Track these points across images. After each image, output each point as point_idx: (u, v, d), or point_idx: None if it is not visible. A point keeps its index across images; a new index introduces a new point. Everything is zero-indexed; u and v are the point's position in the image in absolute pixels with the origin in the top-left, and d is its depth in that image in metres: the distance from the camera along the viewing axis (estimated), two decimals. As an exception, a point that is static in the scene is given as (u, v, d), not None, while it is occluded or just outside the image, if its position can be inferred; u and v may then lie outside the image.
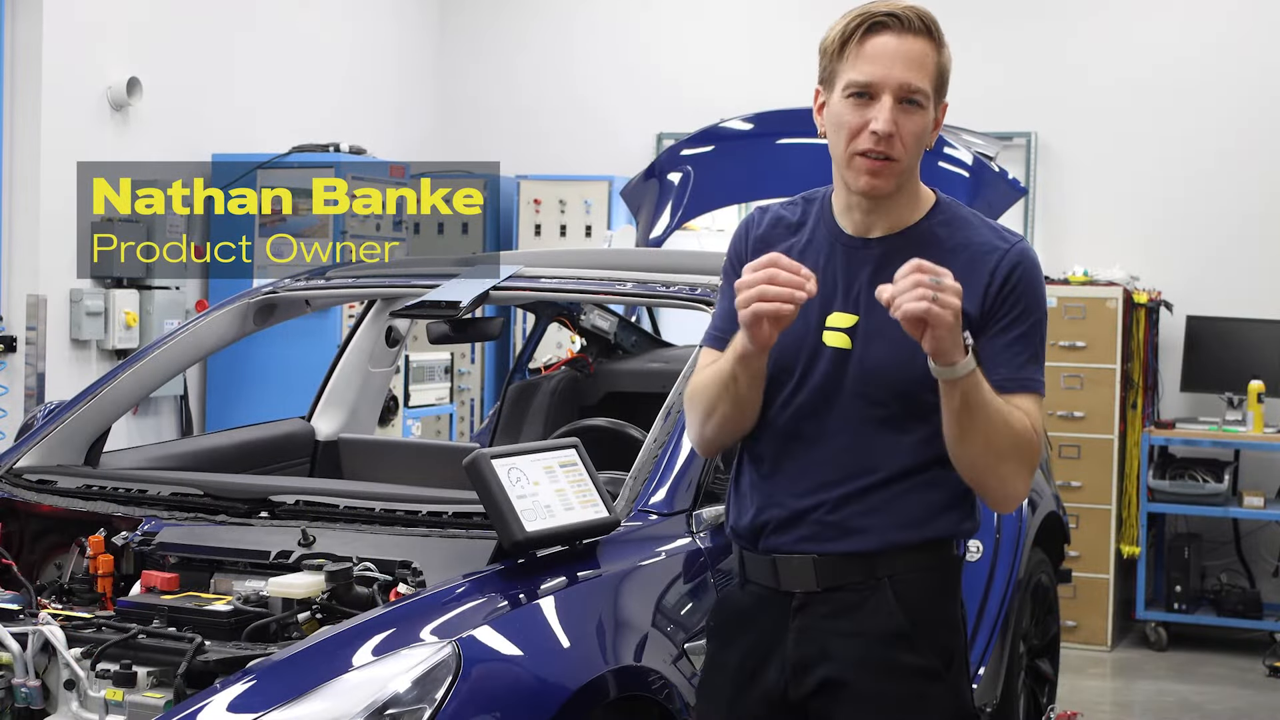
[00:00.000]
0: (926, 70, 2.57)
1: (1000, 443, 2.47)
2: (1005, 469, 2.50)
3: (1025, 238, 2.63)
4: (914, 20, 2.60)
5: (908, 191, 2.61)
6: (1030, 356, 2.55)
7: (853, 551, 2.59)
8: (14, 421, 6.29)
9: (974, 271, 2.54)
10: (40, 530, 3.70)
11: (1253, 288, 7.93)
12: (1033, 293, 2.57)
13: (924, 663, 2.58)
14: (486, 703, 2.70)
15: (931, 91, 2.57)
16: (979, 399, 2.43)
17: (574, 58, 9.20)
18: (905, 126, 2.53)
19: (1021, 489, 2.54)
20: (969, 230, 2.61)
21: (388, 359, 4.96)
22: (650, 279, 3.99)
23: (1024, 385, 2.53)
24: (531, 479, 3.06)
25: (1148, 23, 8.21)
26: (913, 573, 2.59)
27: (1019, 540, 4.93)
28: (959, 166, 5.34)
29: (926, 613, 2.60)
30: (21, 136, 6.66)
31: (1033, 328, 2.56)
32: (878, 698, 2.58)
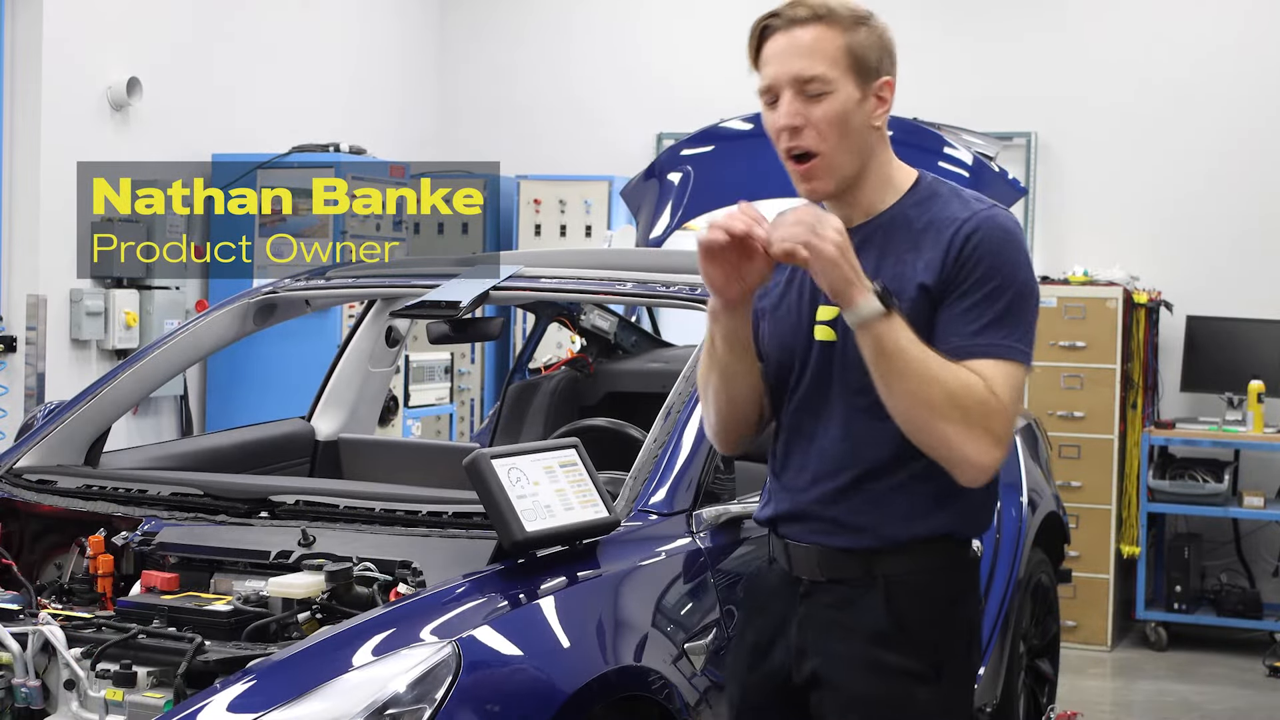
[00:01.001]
0: (821, 54, 2.51)
1: (931, 396, 2.40)
2: (945, 428, 2.42)
3: (1000, 206, 2.56)
4: (798, 12, 2.53)
5: (874, 178, 2.59)
6: (991, 321, 2.46)
7: (850, 548, 2.60)
8: (14, 421, 6.29)
9: (936, 244, 2.52)
10: (40, 530, 3.70)
11: (1253, 288, 7.93)
12: (993, 258, 2.48)
13: (910, 665, 2.56)
14: (486, 703, 2.70)
15: (841, 72, 2.51)
16: (893, 346, 2.39)
17: (574, 58, 9.20)
18: (814, 114, 2.51)
19: (975, 454, 2.44)
20: (939, 205, 2.57)
21: (388, 359, 4.96)
22: (650, 279, 4.00)
23: (981, 351, 2.45)
24: (531, 479, 3.06)
25: (1148, 23, 8.21)
26: (911, 574, 2.58)
27: (1019, 540, 4.93)
28: (959, 166, 5.34)
29: (919, 615, 2.58)
30: (21, 136, 6.66)
31: (994, 292, 2.47)
32: (862, 696, 2.58)
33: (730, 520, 3.44)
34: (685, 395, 3.55)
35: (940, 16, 8.55)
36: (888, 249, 2.56)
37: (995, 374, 2.45)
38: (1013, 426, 2.50)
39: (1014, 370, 2.47)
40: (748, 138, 5.61)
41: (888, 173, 2.61)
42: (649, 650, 3.07)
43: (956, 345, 2.46)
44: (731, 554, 3.42)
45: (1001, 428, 2.46)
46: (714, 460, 3.49)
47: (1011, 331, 2.47)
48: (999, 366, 2.46)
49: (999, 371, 2.45)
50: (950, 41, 8.48)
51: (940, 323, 2.49)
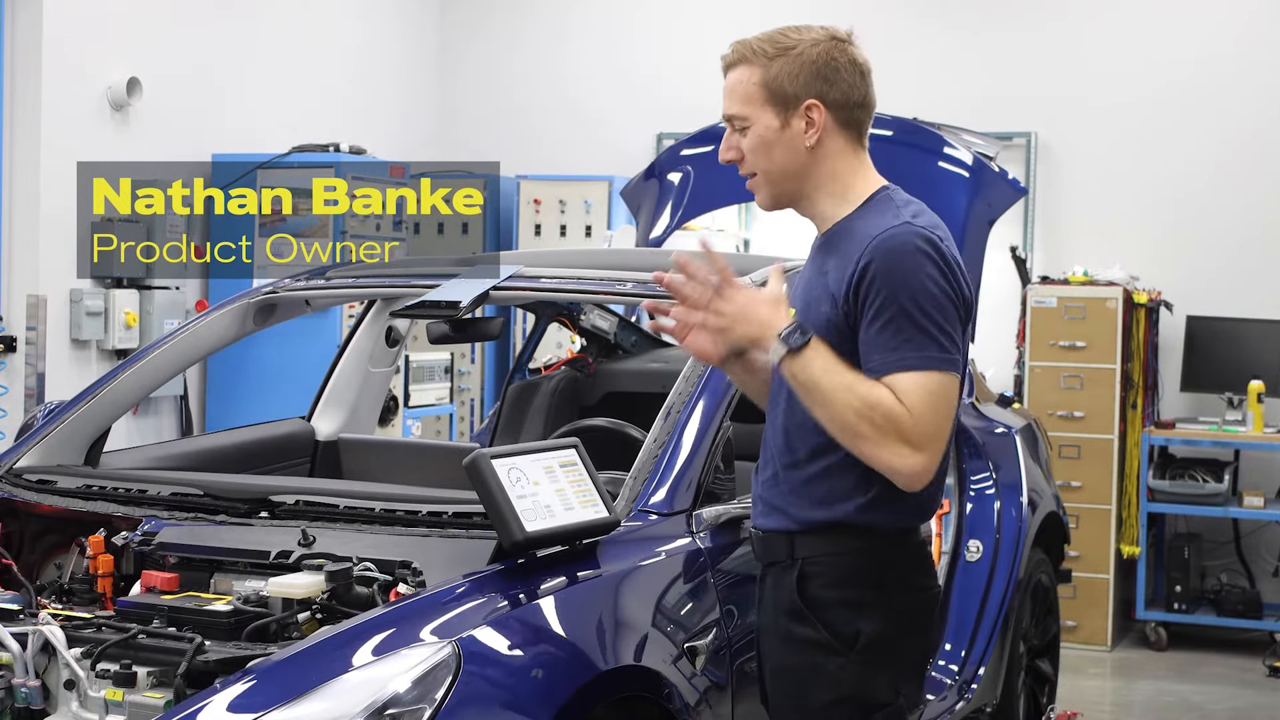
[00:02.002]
0: (740, 94, 2.81)
1: (845, 419, 2.61)
2: (862, 445, 2.62)
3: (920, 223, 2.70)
4: (726, 56, 2.87)
5: (824, 191, 2.81)
6: (902, 339, 2.62)
7: (777, 529, 2.81)
8: (14, 421, 6.29)
9: (848, 260, 2.71)
10: (40, 530, 3.70)
11: (1253, 288, 7.93)
12: (887, 278, 2.64)
13: (819, 636, 2.73)
14: (486, 703, 2.70)
15: (757, 107, 2.78)
16: (804, 380, 2.63)
17: (574, 58, 9.20)
18: (743, 145, 2.81)
19: (896, 463, 2.62)
20: (873, 219, 2.74)
21: (388, 359, 4.96)
22: (650, 279, 3.99)
23: (895, 366, 2.62)
24: (531, 479, 3.06)
25: (1148, 23, 8.22)
26: (825, 555, 2.75)
27: (1019, 540, 4.93)
28: (959, 166, 5.34)
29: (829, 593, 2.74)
30: (21, 136, 6.66)
31: (898, 312, 2.63)
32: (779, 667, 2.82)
33: (730, 520, 3.44)
34: (685, 395, 3.55)
35: (940, 16, 8.55)
36: (829, 260, 2.77)
37: (908, 386, 2.61)
38: (938, 432, 2.64)
39: (926, 379, 2.62)
40: (748, 138, 5.61)
41: (843, 185, 2.81)
42: (649, 650, 3.07)
43: (876, 365, 2.64)
44: (731, 554, 3.42)
45: (919, 436, 2.61)
46: (714, 460, 3.50)
47: (919, 342, 2.63)
48: (911, 379, 2.62)
49: (911, 383, 2.62)
50: (950, 41, 8.48)
51: (861, 346, 2.67)
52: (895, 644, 2.75)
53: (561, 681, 2.83)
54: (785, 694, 2.81)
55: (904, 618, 2.76)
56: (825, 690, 2.73)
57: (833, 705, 2.73)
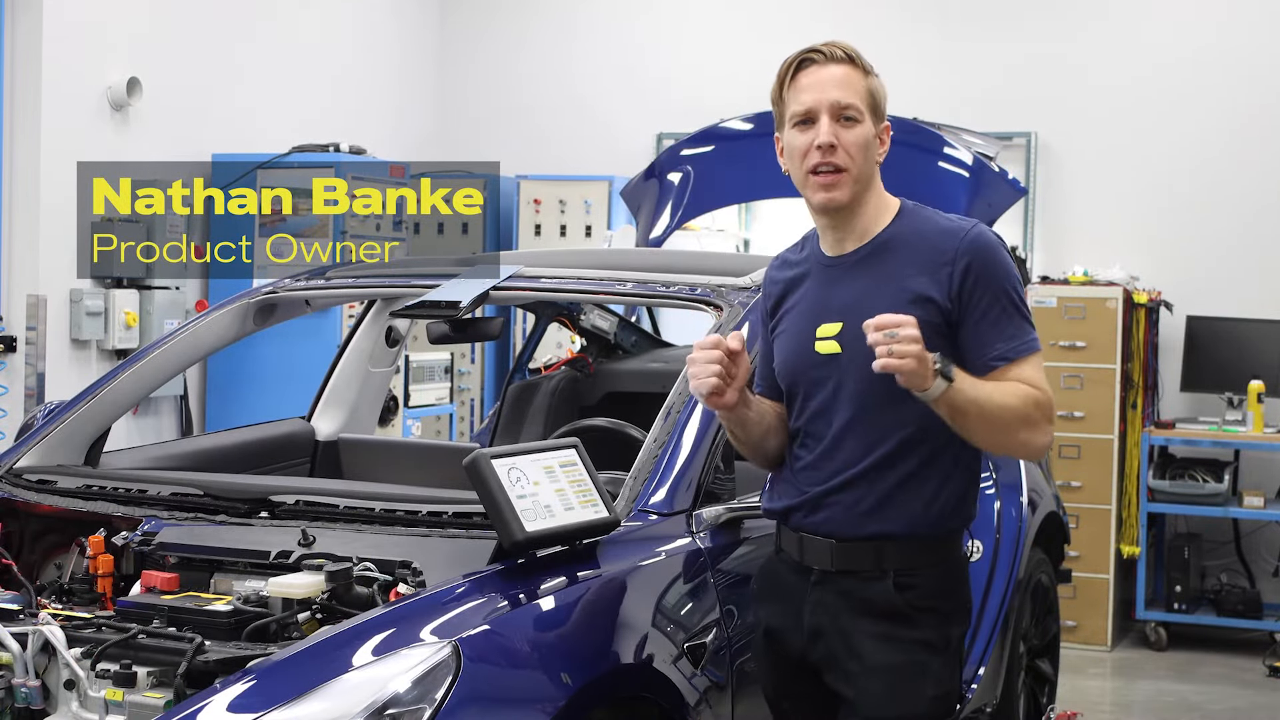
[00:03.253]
0: (855, 89, 2.92)
1: (1007, 424, 2.81)
2: (1023, 439, 2.84)
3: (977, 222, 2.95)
4: (835, 52, 2.95)
5: (871, 205, 2.96)
6: (1013, 327, 2.87)
7: (860, 537, 2.93)
8: (14, 421, 6.30)
9: (934, 261, 2.89)
10: (40, 530, 3.70)
11: (1253, 288, 7.93)
12: (993, 272, 2.88)
13: (927, 636, 2.91)
14: (486, 703, 2.70)
15: (865, 108, 2.93)
16: (963, 404, 2.76)
17: (574, 58, 9.20)
18: (846, 138, 2.90)
19: (1044, 442, 2.88)
20: (927, 225, 2.95)
21: (388, 359, 4.96)
22: (650, 279, 3.99)
23: (1018, 352, 2.86)
24: (531, 479, 3.06)
25: (1148, 23, 8.22)
26: (915, 562, 2.92)
27: (1019, 540, 4.93)
28: (959, 166, 5.35)
29: (927, 598, 2.92)
30: (21, 136, 6.66)
31: (1005, 300, 2.87)
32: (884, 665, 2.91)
33: (730, 520, 3.45)
34: (685, 395, 3.55)
35: (941, 16, 8.55)
36: (887, 269, 2.92)
37: (1033, 371, 2.87)
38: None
39: (1040, 359, 2.90)
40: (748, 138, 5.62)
41: (882, 201, 2.99)
42: (649, 650, 3.07)
43: (998, 354, 2.86)
44: (731, 554, 3.42)
45: (1052, 413, 2.88)
46: (714, 460, 3.50)
47: (1026, 327, 2.89)
48: (1031, 362, 2.87)
49: (1033, 366, 2.87)
50: (950, 41, 8.48)
51: (972, 338, 2.87)
52: (963, 643, 3.05)
53: (562, 681, 2.82)
54: (887, 689, 2.91)
55: (969, 621, 3.05)
56: (931, 686, 2.91)
57: (937, 699, 2.92)
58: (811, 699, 3.03)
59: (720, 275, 3.95)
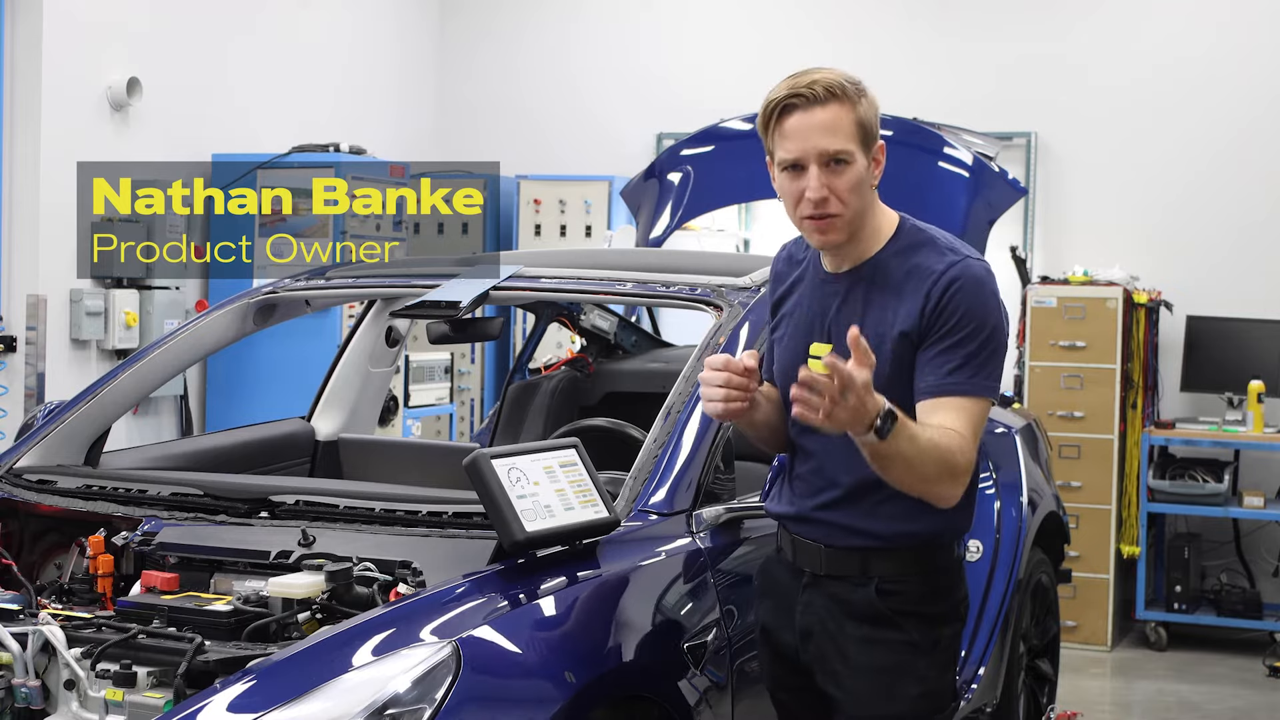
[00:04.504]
0: (842, 131, 2.82)
1: (925, 473, 2.73)
2: (934, 489, 2.78)
3: (975, 255, 2.88)
4: (818, 92, 2.82)
5: (867, 229, 2.90)
6: (964, 363, 2.78)
7: (849, 547, 2.94)
8: (14, 421, 6.29)
9: (916, 293, 2.83)
10: (40, 530, 3.70)
11: (1253, 288, 7.93)
12: (966, 306, 2.80)
13: (912, 638, 2.91)
14: (486, 703, 2.70)
15: (856, 146, 2.83)
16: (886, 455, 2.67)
17: (574, 58, 9.20)
18: (837, 185, 2.83)
19: (952, 493, 2.79)
20: (918, 255, 2.87)
21: (388, 359, 4.96)
22: (650, 279, 3.99)
23: (952, 389, 2.78)
24: (531, 479, 3.06)
25: (1148, 23, 8.22)
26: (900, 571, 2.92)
27: (1019, 540, 4.93)
28: (959, 166, 5.34)
29: (911, 604, 2.92)
30: (21, 136, 6.65)
31: (968, 336, 2.79)
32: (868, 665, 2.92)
33: (730, 520, 3.44)
34: (685, 395, 3.55)
35: (941, 17, 8.55)
36: (872, 295, 2.88)
37: (963, 413, 2.77)
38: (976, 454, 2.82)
39: (980, 406, 2.80)
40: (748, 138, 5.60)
41: (877, 223, 2.93)
42: (649, 650, 3.07)
43: (933, 383, 2.78)
44: (731, 554, 3.42)
45: (969, 463, 2.79)
46: (714, 460, 3.50)
47: (981, 370, 2.80)
48: (966, 404, 2.78)
49: (966, 410, 2.78)
50: (950, 41, 8.48)
51: (920, 362, 2.81)
52: (957, 644, 3.00)
53: (562, 681, 2.82)
54: (873, 689, 2.92)
55: (962, 620, 3.01)
56: (915, 685, 2.91)
57: (922, 698, 2.91)
58: (809, 692, 3.04)
59: (720, 275, 3.95)
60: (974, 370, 2.78)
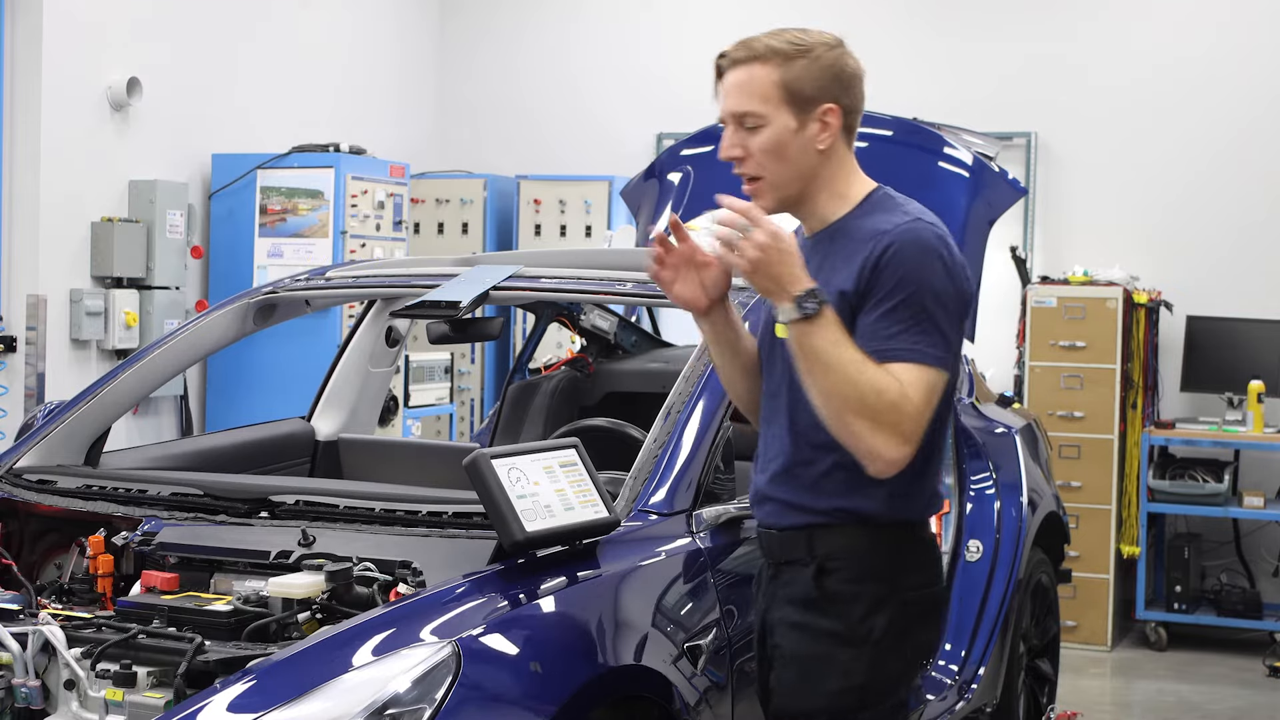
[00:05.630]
0: (754, 91, 2.78)
1: (845, 394, 2.60)
2: (855, 424, 2.62)
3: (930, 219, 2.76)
4: (738, 53, 2.83)
5: (821, 196, 2.82)
6: (905, 328, 2.65)
7: (792, 525, 2.83)
8: (14, 421, 6.30)
9: (859, 254, 2.72)
10: (40, 530, 3.70)
11: (1253, 288, 7.93)
12: (904, 268, 2.67)
13: (835, 627, 2.77)
14: (486, 703, 2.70)
15: (772, 107, 2.76)
16: (810, 348, 2.61)
17: (574, 58, 9.20)
18: (752, 144, 2.78)
19: (882, 449, 2.63)
20: (875, 218, 2.76)
21: (388, 359, 4.96)
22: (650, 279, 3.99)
23: (894, 355, 2.64)
24: (531, 479, 3.06)
25: (1148, 23, 8.22)
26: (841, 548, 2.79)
27: (1019, 540, 4.93)
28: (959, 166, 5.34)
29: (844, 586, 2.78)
30: (21, 136, 6.66)
31: (907, 300, 2.66)
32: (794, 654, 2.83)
33: (730, 520, 3.44)
34: (685, 395, 3.55)
35: (941, 17, 8.55)
36: (828, 258, 2.78)
37: (909, 377, 2.64)
38: (922, 424, 2.66)
39: (925, 373, 2.66)
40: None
41: (840, 188, 2.83)
42: (649, 650, 3.07)
43: (873, 349, 2.65)
44: (731, 554, 3.42)
45: (910, 427, 2.64)
46: (714, 460, 3.50)
47: (923, 337, 2.66)
48: (911, 370, 2.65)
49: (911, 374, 2.64)
50: (951, 41, 8.48)
51: (859, 328, 2.68)
52: (904, 638, 2.80)
53: (561, 681, 2.83)
54: (796, 680, 2.83)
55: (913, 611, 2.81)
56: (837, 679, 2.77)
57: (841, 694, 2.77)
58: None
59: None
60: (916, 337, 2.65)
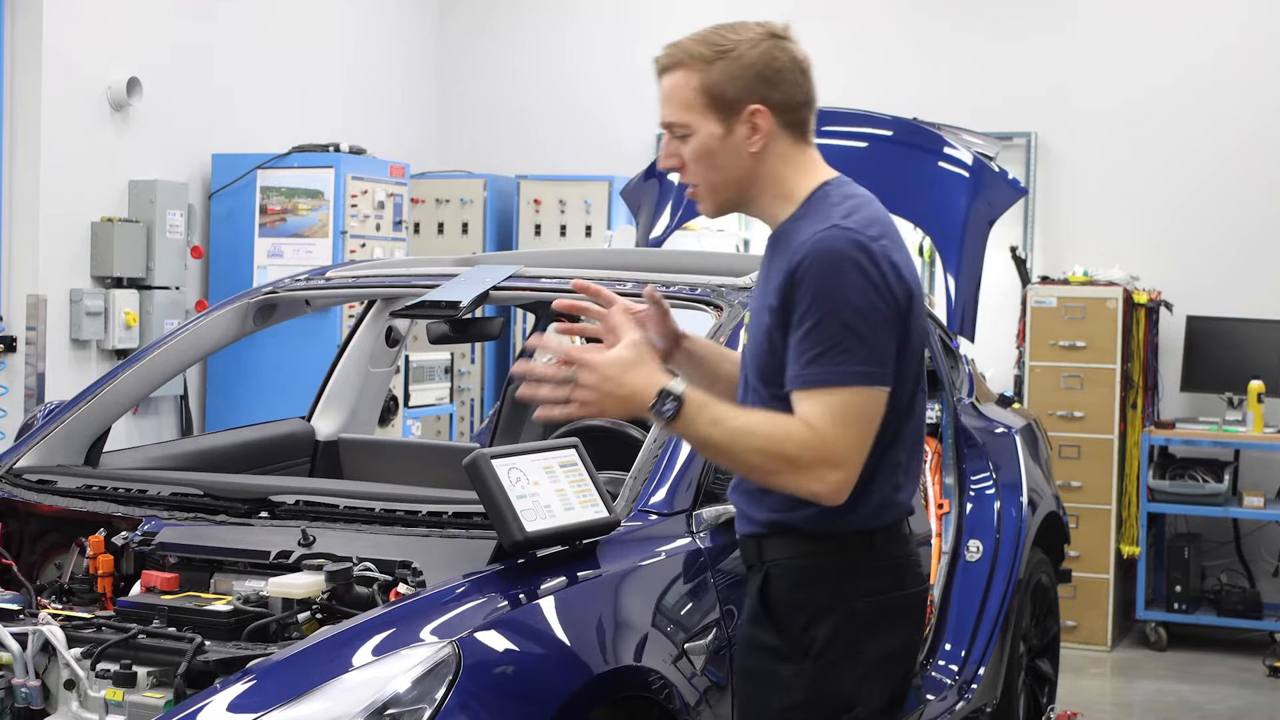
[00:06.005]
0: (678, 101, 2.68)
1: (751, 461, 2.54)
2: (777, 480, 2.55)
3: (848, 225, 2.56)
4: (661, 60, 2.74)
5: (766, 195, 2.70)
6: (820, 351, 2.51)
7: (745, 533, 2.75)
8: (14, 421, 6.29)
9: (784, 266, 2.60)
10: (40, 530, 3.70)
11: (1253, 288, 7.93)
12: (815, 285, 2.53)
13: (774, 642, 2.66)
14: (486, 703, 2.70)
15: (698, 114, 2.65)
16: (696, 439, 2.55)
17: (573, 58, 9.20)
18: (685, 153, 2.68)
19: (814, 486, 2.52)
20: (805, 223, 2.62)
21: (388, 359, 4.96)
22: (650, 279, 3.99)
23: (805, 381, 2.52)
24: (531, 479, 3.06)
25: (1147, 23, 8.21)
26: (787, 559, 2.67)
27: (1019, 540, 4.93)
28: (959, 166, 5.34)
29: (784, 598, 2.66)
30: (21, 136, 6.65)
31: (821, 321, 2.51)
32: (740, 668, 2.78)
33: (730, 520, 3.43)
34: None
35: (941, 17, 8.54)
36: (770, 266, 2.68)
37: (816, 405, 2.51)
38: (852, 449, 2.53)
39: (840, 396, 2.51)
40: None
41: (784, 188, 2.69)
42: (649, 650, 3.07)
43: (791, 376, 2.55)
44: (731, 554, 3.41)
45: (834, 454, 2.51)
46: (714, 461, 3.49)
47: (843, 356, 2.51)
48: (822, 396, 2.51)
49: (821, 402, 2.51)
50: (951, 42, 8.47)
51: (789, 347, 2.57)
52: (851, 650, 2.64)
53: (561, 681, 2.82)
54: (744, 699, 2.77)
55: (862, 621, 2.64)
56: (778, 696, 2.65)
57: (784, 711, 2.65)
58: None
59: (720, 275, 3.95)
60: (836, 357, 2.50)
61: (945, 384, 4.94)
